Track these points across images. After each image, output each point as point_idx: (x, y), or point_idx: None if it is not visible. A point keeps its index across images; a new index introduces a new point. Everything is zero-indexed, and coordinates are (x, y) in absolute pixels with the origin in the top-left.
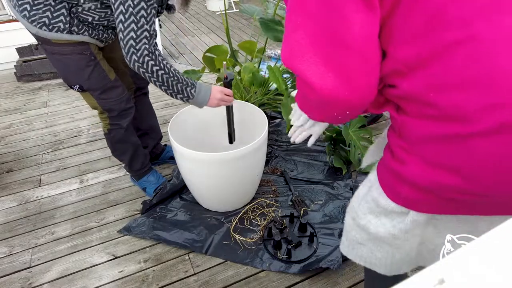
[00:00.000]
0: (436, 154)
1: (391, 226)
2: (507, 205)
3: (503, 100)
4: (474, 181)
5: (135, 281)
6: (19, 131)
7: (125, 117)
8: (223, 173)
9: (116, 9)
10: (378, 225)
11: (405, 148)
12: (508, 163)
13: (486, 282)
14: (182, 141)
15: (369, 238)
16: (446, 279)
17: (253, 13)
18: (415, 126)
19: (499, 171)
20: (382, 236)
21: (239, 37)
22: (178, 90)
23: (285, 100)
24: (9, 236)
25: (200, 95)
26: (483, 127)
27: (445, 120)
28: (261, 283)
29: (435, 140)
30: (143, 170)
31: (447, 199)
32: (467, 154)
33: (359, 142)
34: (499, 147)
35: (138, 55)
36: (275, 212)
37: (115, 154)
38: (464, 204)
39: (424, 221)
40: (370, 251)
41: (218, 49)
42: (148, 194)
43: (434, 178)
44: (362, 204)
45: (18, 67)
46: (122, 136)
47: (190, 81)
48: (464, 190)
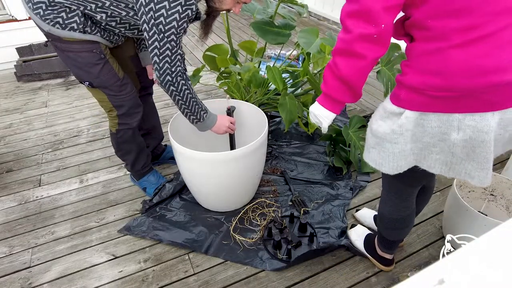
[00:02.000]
0: (426, 64)
1: (392, 123)
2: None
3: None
4: (449, 80)
5: (135, 281)
6: (19, 131)
7: (134, 116)
8: (223, 173)
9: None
10: (384, 126)
11: (407, 64)
12: (471, 67)
13: (486, 282)
14: (182, 141)
15: (377, 141)
16: (446, 279)
17: (254, 11)
18: (416, 46)
19: (465, 73)
20: (385, 134)
21: (239, 37)
22: (193, 111)
23: (282, 100)
24: (9, 236)
25: (208, 120)
26: (456, 42)
27: (434, 39)
28: (261, 283)
29: (426, 54)
30: (144, 170)
31: (430, 96)
32: (444, 61)
33: (359, 142)
34: (466, 55)
35: (172, 76)
36: (275, 212)
37: (119, 154)
38: (442, 101)
39: (414, 119)
40: (377, 152)
41: (219, 48)
42: (148, 194)
43: (423, 81)
44: (375, 114)
45: (18, 67)
46: (129, 136)
47: (204, 106)
48: (442, 88)
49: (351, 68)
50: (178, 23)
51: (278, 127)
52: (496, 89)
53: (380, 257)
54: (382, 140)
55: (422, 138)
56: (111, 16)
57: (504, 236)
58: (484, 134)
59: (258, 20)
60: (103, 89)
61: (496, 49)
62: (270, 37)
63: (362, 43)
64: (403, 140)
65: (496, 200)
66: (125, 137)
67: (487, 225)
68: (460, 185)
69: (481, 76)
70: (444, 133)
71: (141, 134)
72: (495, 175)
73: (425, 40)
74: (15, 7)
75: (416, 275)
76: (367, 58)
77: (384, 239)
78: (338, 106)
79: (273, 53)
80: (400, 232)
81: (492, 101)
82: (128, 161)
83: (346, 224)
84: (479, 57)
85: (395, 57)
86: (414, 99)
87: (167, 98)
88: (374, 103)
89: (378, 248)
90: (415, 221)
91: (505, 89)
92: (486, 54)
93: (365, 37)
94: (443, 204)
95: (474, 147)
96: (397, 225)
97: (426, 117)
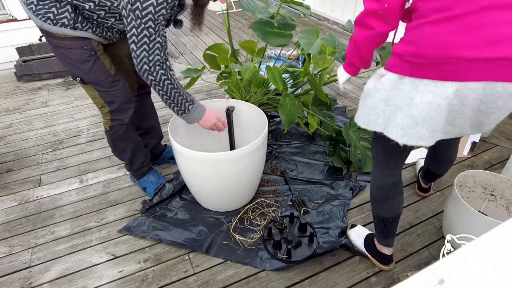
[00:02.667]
0: (408, 36)
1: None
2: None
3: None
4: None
5: (135, 281)
6: (19, 131)
7: (125, 112)
8: (223, 173)
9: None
10: (369, 83)
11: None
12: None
13: (486, 282)
14: (182, 141)
15: (365, 98)
16: (446, 279)
17: (255, 10)
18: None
19: (433, 44)
20: (368, 89)
21: (239, 37)
22: (176, 102)
23: (283, 101)
24: (9, 236)
25: (194, 112)
26: (431, 19)
27: (417, 17)
28: (261, 283)
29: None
30: (143, 169)
31: (407, 61)
32: (420, 34)
33: (359, 142)
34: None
35: (150, 65)
36: (275, 212)
37: (116, 152)
38: (415, 67)
39: (393, 81)
40: (366, 108)
41: (219, 47)
42: (148, 194)
43: (403, 48)
44: (371, 78)
45: (18, 66)
46: (123, 133)
47: (189, 97)
48: (415, 54)
49: (362, 35)
50: (155, 8)
51: (278, 127)
52: (456, 63)
53: (380, 254)
54: (365, 95)
55: (394, 101)
56: (99, 5)
57: (504, 236)
58: (440, 99)
59: (258, 20)
60: (94, 85)
61: (466, 29)
62: (270, 39)
63: (370, 17)
64: (378, 97)
65: (496, 200)
66: (118, 134)
67: (487, 225)
68: (460, 185)
69: (444, 49)
70: (411, 97)
71: (140, 133)
72: (495, 175)
73: (413, 19)
74: (15, 7)
75: (416, 275)
76: (374, 30)
77: (379, 223)
78: (351, 68)
79: (273, 53)
80: (389, 206)
81: (452, 72)
82: (125, 160)
83: (346, 224)
84: (447, 34)
85: None
86: (396, 64)
87: None
88: None
89: (377, 243)
90: (415, 221)
91: (464, 64)
92: (454, 32)
93: (371, 13)
94: (443, 204)
95: (430, 111)
96: (384, 194)
97: (402, 81)
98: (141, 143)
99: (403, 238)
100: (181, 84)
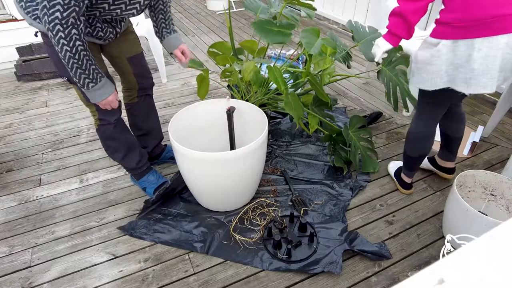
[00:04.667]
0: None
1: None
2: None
3: None
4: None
5: (135, 281)
6: (19, 131)
7: (111, 113)
8: (223, 173)
9: None
10: (425, 54)
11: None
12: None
13: (486, 282)
14: (182, 141)
15: (418, 66)
16: (446, 279)
17: (257, 9)
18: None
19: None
20: (426, 59)
21: (240, 37)
22: (75, 74)
23: (286, 99)
24: (9, 236)
25: (95, 92)
26: None
27: None
28: (261, 282)
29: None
30: (142, 169)
31: (457, 27)
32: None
33: (359, 142)
34: None
35: (49, 19)
36: (275, 212)
37: (108, 152)
38: (466, 30)
39: (448, 46)
40: (419, 74)
41: (222, 45)
42: (148, 193)
43: (451, 16)
44: (418, 49)
45: (18, 66)
46: (111, 132)
47: (95, 76)
48: (464, 19)
49: (412, 7)
50: None
51: (278, 127)
52: (499, 19)
53: (402, 181)
54: (424, 64)
55: (454, 61)
56: None
57: (504, 236)
58: (495, 50)
59: (259, 20)
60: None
61: None
62: (271, 37)
63: None
64: (439, 62)
65: (496, 200)
66: (107, 133)
67: (487, 225)
68: (460, 185)
69: (487, 10)
70: (469, 54)
71: (141, 134)
72: (495, 175)
73: None
74: (15, 7)
75: (416, 275)
76: (422, 1)
77: (407, 158)
78: (395, 39)
79: (274, 53)
80: (419, 147)
81: (499, 27)
82: (117, 159)
83: (346, 224)
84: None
85: (397, 58)
86: (447, 31)
87: (167, 98)
88: (374, 103)
89: (402, 174)
90: (415, 221)
91: (506, 19)
92: None
93: None
94: (443, 204)
95: (487, 63)
96: (419, 139)
97: (456, 44)
98: (135, 142)
99: (403, 238)
100: (92, 59)
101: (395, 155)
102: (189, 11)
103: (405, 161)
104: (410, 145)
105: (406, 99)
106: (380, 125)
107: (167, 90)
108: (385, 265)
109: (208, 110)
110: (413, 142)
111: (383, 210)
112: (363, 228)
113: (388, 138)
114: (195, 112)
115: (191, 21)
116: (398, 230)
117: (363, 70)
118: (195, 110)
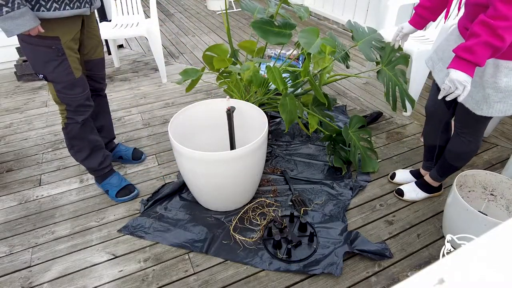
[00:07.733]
0: None
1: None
2: None
3: None
4: None
5: (135, 281)
6: (19, 131)
7: (81, 114)
8: (223, 173)
9: None
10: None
11: None
12: None
13: (486, 282)
14: (182, 141)
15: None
16: (446, 279)
17: (254, 11)
18: None
19: None
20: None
21: (239, 37)
22: None
23: (283, 100)
24: (9, 236)
25: (12, 22)
26: None
27: None
28: (261, 282)
29: None
30: (104, 171)
31: None
32: None
33: (359, 142)
34: None
35: None
36: (275, 212)
37: (72, 151)
38: None
39: None
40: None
41: (218, 48)
42: (111, 196)
43: None
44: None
45: (18, 66)
46: (78, 132)
47: (16, 5)
48: None
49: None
50: None
51: (278, 127)
52: None
53: (433, 187)
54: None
55: None
56: None
57: (504, 236)
58: None
59: (258, 20)
60: (55, 85)
61: None
62: (271, 38)
63: None
64: None
65: (496, 200)
66: (73, 132)
67: (487, 225)
68: (460, 185)
69: None
70: None
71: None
72: (495, 175)
73: None
74: None
75: (416, 275)
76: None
77: (452, 168)
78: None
79: (273, 53)
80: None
81: None
82: (80, 159)
83: (346, 224)
84: None
85: (396, 58)
86: None
87: (167, 98)
88: (374, 103)
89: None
90: (415, 221)
91: None
92: None
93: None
94: (443, 204)
95: None
96: (473, 154)
97: None
98: (100, 144)
99: (403, 238)
100: None
101: (395, 155)
102: (189, 11)
103: (448, 170)
104: (465, 161)
105: (404, 99)
106: (380, 125)
107: (167, 90)
108: (385, 265)
109: (208, 110)
110: (466, 159)
111: (383, 210)
112: (363, 228)
113: (388, 138)
114: (195, 112)
115: (191, 21)
116: (398, 230)
117: (363, 70)
118: (195, 110)
